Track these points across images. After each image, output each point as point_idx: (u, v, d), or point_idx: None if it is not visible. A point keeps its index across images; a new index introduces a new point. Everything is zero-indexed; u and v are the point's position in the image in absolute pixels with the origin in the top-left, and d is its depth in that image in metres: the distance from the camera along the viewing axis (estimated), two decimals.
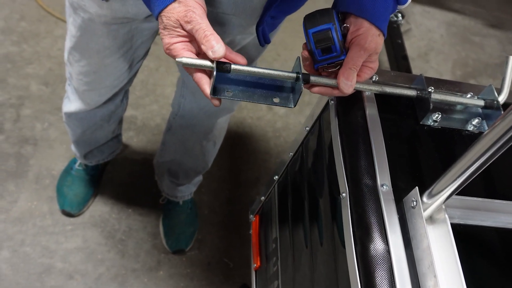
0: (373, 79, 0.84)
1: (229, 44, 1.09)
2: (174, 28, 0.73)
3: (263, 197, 1.20)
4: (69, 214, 1.68)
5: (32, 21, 2.17)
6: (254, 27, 1.05)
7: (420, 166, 0.77)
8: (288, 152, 1.05)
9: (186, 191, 1.73)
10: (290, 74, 0.75)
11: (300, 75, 0.74)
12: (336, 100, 0.84)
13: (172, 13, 0.71)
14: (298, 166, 1.01)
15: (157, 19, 0.74)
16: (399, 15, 2.14)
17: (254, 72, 0.74)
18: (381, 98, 0.83)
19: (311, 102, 2.21)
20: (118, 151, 1.76)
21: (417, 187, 0.68)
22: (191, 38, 0.74)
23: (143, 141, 1.94)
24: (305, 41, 0.78)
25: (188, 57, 0.73)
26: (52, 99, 1.95)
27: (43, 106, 1.92)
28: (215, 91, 0.75)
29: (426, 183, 0.70)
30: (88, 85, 1.24)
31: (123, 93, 1.40)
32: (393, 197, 0.70)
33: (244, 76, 0.78)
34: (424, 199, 0.66)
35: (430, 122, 0.83)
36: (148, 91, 2.07)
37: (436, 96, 0.81)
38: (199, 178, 1.72)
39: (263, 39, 0.96)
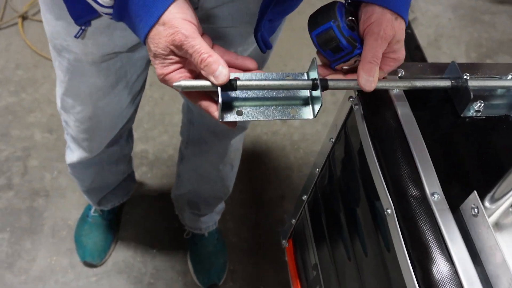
0: (399, 75, 0.74)
1: None
2: (165, 56, 0.63)
3: (293, 220, 1.10)
4: (91, 265, 1.59)
5: (28, 68, 2.11)
6: None
7: (471, 166, 0.66)
8: (314, 168, 0.95)
9: (210, 221, 1.63)
10: (306, 82, 0.66)
11: (318, 82, 0.64)
12: (361, 104, 0.74)
13: (158, 38, 0.61)
14: (328, 181, 0.91)
15: (145, 44, 0.65)
16: None
17: (264, 85, 0.65)
18: (411, 94, 0.72)
19: (327, 108, 2.11)
20: (133, 190, 1.68)
21: (475, 191, 0.57)
22: (187, 61, 0.65)
23: (158, 175, 1.85)
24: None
25: (187, 80, 0.64)
26: (58, 145, 1.87)
27: (50, 155, 1.84)
28: (224, 113, 0.66)
29: (483, 185, 0.60)
30: (87, 132, 1.16)
31: (126, 132, 1.32)
32: (447, 207, 0.60)
33: (254, 91, 0.69)
34: (486, 204, 0.56)
35: (472, 113, 0.72)
36: (156, 122, 1.99)
37: (473, 83, 0.71)
38: (222, 205, 1.63)
39: (264, 45, 0.87)
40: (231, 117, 0.66)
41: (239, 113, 0.66)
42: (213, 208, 1.59)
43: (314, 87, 0.65)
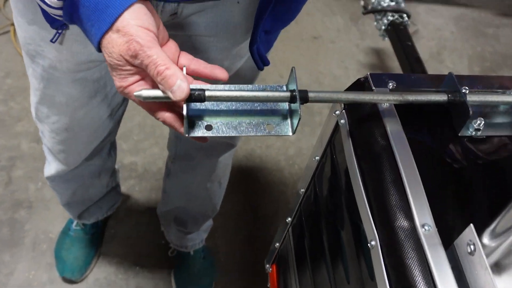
0: (390, 87, 0.66)
1: None
2: (120, 67, 0.56)
3: (277, 244, 1.02)
4: (70, 281, 1.51)
5: (18, 77, 2.04)
6: (242, 48, 0.89)
7: (469, 194, 0.59)
8: (299, 188, 0.87)
9: (197, 239, 1.55)
10: (283, 94, 0.58)
11: (296, 94, 0.57)
12: (347, 119, 0.67)
13: (112, 47, 0.54)
14: (312, 203, 0.84)
15: (100, 52, 0.58)
16: (405, 15, 1.96)
17: (236, 97, 0.57)
18: (403, 110, 0.65)
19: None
20: (118, 203, 1.60)
21: (471, 224, 0.49)
22: (147, 73, 0.58)
23: (146, 189, 1.78)
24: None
25: (149, 90, 0.57)
26: (44, 156, 1.79)
27: (36, 165, 1.77)
28: (191, 127, 0.59)
29: (481, 218, 0.52)
30: (63, 144, 1.09)
31: (109, 145, 1.25)
32: (440, 241, 0.52)
33: (226, 102, 0.61)
34: (485, 240, 0.48)
35: (471, 132, 0.64)
36: (146, 134, 1.92)
37: (473, 97, 0.63)
38: (209, 223, 1.55)
39: (261, 61, 0.80)
40: (199, 132, 0.59)
41: (208, 128, 0.59)
42: (200, 226, 1.51)
43: (292, 99, 0.58)
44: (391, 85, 0.66)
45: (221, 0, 0.75)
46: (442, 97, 0.63)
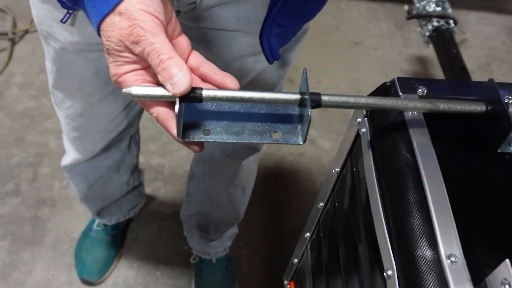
0: (420, 93, 0.58)
1: (239, 71, 0.87)
2: (118, 53, 0.51)
3: (295, 260, 0.95)
4: (88, 283, 1.47)
5: None
6: None
7: (506, 223, 0.50)
8: (318, 202, 0.80)
9: (220, 247, 1.49)
10: (293, 97, 0.51)
11: (307, 97, 0.50)
12: (369, 128, 0.59)
13: (112, 31, 0.49)
14: (331, 218, 0.76)
15: (100, 36, 0.52)
16: (451, 21, 1.85)
17: (239, 97, 0.51)
18: (433, 120, 0.57)
19: None
20: (141, 205, 1.56)
21: (507, 260, 0.41)
22: (147, 63, 0.52)
23: (171, 192, 1.73)
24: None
25: (140, 86, 0.51)
26: None
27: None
28: (186, 131, 0.52)
29: None
30: (78, 131, 1.05)
31: (128, 138, 1.21)
32: (468, 276, 0.44)
33: (229, 105, 0.55)
34: None
35: None
36: None
37: None
38: (234, 230, 1.49)
39: (271, 54, 0.73)
40: (194, 136, 0.52)
41: (206, 133, 0.52)
42: (223, 233, 1.45)
43: (302, 102, 0.51)
44: (420, 91, 0.58)
45: None
46: (479, 107, 0.54)
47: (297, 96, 0.51)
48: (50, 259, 1.53)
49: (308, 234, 0.86)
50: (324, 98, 0.50)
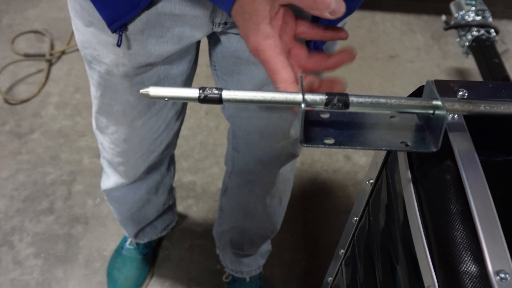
0: (460, 96, 0.53)
1: None
2: (261, 12, 0.54)
3: (330, 278, 0.90)
4: None
5: (87, 92, 2.04)
6: None
7: None
8: (352, 216, 0.75)
9: (253, 264, 1.45)
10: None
11: (440, 102, 0.46)
12: None
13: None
14: (367, 234, 0.71)
15: (229, 13, 0.56)
16: (492, 30, 1.78)
17: (258, 99, 0.47)
18: (476, 124, 0.52)
19: None
20: (174, 223, 1.54)
21: None
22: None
23: (203, 210, 1.70)
24: None
25: (158, 87, 0.48)
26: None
27: (95, 180, 1.76)
28: (309, 138, 0.49)
29: None
30: (121, 156, 1.04)
31: (168, 159, 1.20)
32: None
33: (343, 115, 0.52)
34: None
35: None
36: (208, 153, 1.86)
37: None
38: (268, 247, 1.44)
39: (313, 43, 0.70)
40: (317, 142, 0.49)
41: (328, 141, 0.49)
42: (257, 249, 1.41)
43: (329, 103, 0.47)
44: (461, 93, 0.53)
45: None
46: None
47: (324, 97, 0.47)
48: (82, 278, 1.52)
49: (342, 251, 0.81)
50: (352, 99, 0.47)
